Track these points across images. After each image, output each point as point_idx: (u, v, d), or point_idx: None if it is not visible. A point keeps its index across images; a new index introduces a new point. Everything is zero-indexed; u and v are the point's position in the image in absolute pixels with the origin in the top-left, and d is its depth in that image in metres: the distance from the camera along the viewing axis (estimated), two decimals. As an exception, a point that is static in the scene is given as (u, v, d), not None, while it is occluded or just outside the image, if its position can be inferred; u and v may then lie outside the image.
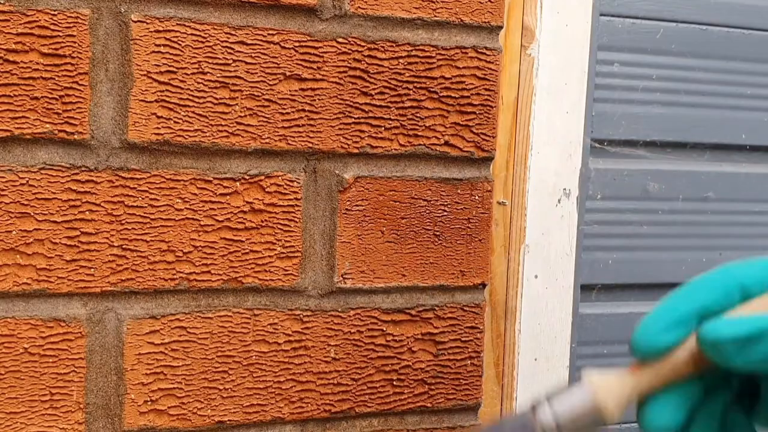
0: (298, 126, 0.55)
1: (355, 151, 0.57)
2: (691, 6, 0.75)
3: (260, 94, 0.54)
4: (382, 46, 0.57)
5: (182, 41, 0.52)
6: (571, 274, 0.68)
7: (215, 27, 0.53)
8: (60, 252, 0.51)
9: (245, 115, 0.54)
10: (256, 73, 0.54)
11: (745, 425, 0.39)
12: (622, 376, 0.38)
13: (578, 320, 0.71)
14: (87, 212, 0.51)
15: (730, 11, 0.77)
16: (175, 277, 0.54)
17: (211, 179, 0.54)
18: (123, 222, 0.52)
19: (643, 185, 0.74)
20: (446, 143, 0.59)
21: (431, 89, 0.58)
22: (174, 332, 0.54)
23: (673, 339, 0.36)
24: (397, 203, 0.58)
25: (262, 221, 0.55)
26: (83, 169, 0.51)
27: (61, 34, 0.50)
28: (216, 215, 0.54)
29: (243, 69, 0.54)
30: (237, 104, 0.54)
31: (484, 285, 0.61)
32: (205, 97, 0.53)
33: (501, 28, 0.59)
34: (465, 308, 0.60)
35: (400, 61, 0.57)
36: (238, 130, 0.54)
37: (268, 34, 0.54)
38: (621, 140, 0.73)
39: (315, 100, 0.55)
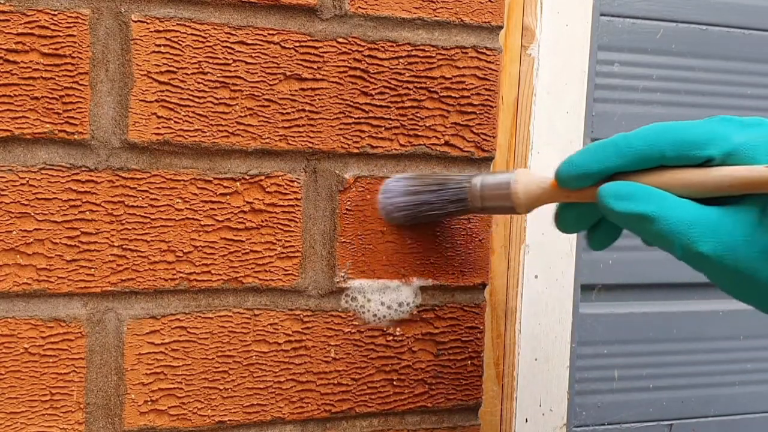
0: (298, 126, 0.55)
1: (356, 151, 0.57)
2: (691, 6, 0.75)
3: (260, 94, 0.54)
4: (383, 46, 0.57)
5: (182, 41, 0.52)
6: (571, 274, 0.68)
7: (215, 27, 0.53)
8: (60, 252, 0.51)
9: (245, 115, 0.54)
10: (257, 73, 0.54)
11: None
12: (542, 181, 0.50)
13: (578, 320, 0.71)
14: (87, 212, 0.52)
15: (730, 11, 0.77)
16: (175, 277, 0.54)
17: (212, 179, 0.54)
18: (123, 222, 0.52)
19: (643, 185, 0.73)
20: (446, 143, 0.59)
21: (431, 89, 0.58)
22: (174, 332, 0.54)
23: (581, 186, 0.48)
24: (398, 203, 0.58)
25: (262, 221, 0.55)
26: (83, 169, 0.51)
27: (61, 34, 0.50)
28: (216, 215, 0.54)
29: (243, 69, 0.54)
30: (237, 104, 0.54)
31: (484, 285, 0.61)
32: (205, 97, 0.53)
33: (501, 28, 0.59)
34: (465, 308, 0.60)
35: (401, 61, 0.57)
36: (238, 130, 0.54)
37: (269, 34, 0.54)
38: (621, 140, 0.73)
39: (315, 100, 0.55)
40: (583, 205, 0.49)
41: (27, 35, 0.49)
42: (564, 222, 0.51)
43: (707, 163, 0.45)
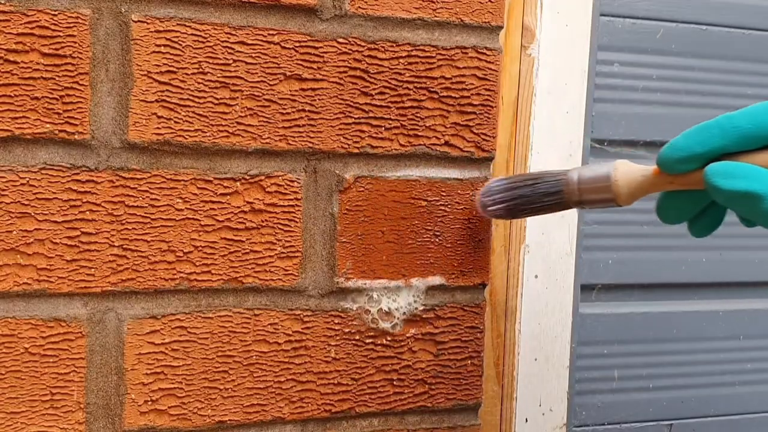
0: (298, 126, 0.55)
1: (356, 151, 0.57)
2: (691, 6, 0.75)
3: (260, 94, 0.54)
4: (383, 46, 0.57)
5: (183, 41, 0.52)
6: (571, 274, 0.68)
7: (216, 27, 0.53)
8: (60, 252, 0.51)
9: (245, 115, 0.54)
10: (257, 73, 0.54)
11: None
12: (643, 170, 0.49)
13: (578, 320, 0.71)
14: (87, 212, 0.52)
15: (730, 11, 0.77)
16: (175, 277, 0.54)
17: (212, 179, 0.54)
18: (123, 222, 0.52)
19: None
20: (446, 143, 0.59)
21: (431, 89, 0.58)
22: (174, 332, 0.54)
23: (686, 170, 0.47)
24: (397, 203, 0.58)
25: (262, 221, 0.55)
26: (84, 169, 0.51)
27: (61, 34, 0.50)
28: (216, 215, 0.54)
29: (243, 69, 0.54)
30: (237, 104, 0.54)
31: (484, 285, 0.61)
32: (205, 97, 0.53)
33: (501, 28, 0.59)
34: (465, 308, 0.61)
35: (401, 61, 0.57)
36: (238, 130, 0.54)
37: (269, 34, 0.54)
38: (621, 140, 0.73)
39: (315, 100, 0.55)
40: (686, 193, 0.48)
41: (27, 35, 0.49)
42: (666, 212, 0.50)
43: None
